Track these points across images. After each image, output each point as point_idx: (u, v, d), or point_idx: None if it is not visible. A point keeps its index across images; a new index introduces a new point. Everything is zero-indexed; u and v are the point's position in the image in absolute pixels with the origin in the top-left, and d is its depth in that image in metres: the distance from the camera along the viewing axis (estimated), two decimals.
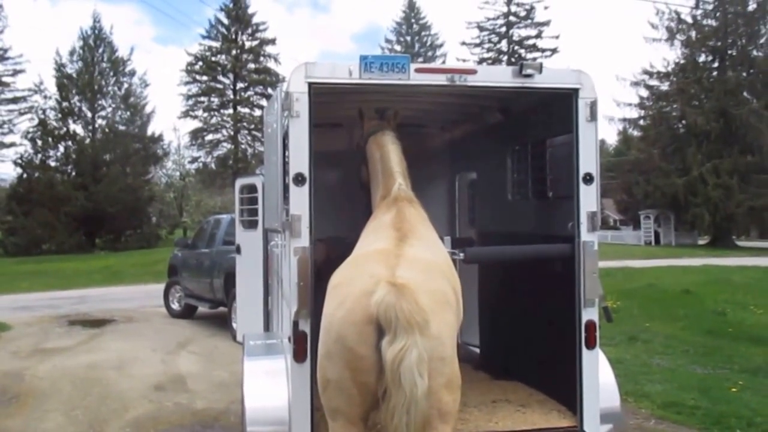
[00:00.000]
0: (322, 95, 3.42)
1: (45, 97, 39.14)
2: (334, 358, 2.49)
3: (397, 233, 2.98)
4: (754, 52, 39.14)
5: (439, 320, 2.50)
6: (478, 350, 5.31)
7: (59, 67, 39.07)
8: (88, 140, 39.31)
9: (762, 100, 37.81)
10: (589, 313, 3.55)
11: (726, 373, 7.50)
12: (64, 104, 38.77)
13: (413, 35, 56.85)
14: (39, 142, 38.64)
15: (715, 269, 19.65)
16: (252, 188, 6.46)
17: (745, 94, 38.92)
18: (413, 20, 56.84)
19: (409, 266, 2.63)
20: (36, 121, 38.78)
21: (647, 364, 7.96)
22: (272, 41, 46.70)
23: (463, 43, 54.00)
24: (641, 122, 43.45)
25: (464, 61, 53.37)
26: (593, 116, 3.60)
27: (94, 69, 39.52)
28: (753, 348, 8.80)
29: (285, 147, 3.46)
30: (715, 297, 13.27)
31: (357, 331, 2.41)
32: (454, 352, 2.58)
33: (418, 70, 3.48)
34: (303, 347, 3.25)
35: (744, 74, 39.57)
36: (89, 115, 39.61)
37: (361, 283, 2.53)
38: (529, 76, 3.54)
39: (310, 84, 3.31)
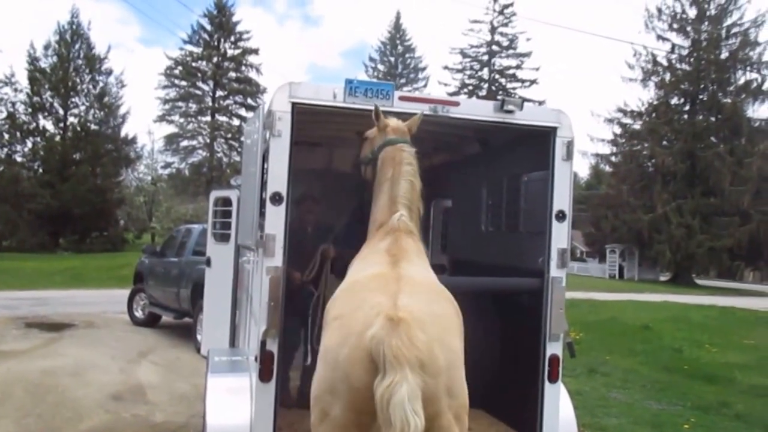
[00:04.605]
0: (303, 114, 3.45)
1: (15, 90, 38.19)
2: (340, 395, 2.38)
3: (390, 258, 2.89)
4: (723, 99, 40.54)
5: (446, 349, 2.39)
6: None
7: (32, 61, 38.24)
8: (58, 137, 38.48)
9: (727, 145, 39.17)
10: (554, 348, 3.63)
11: (679, 409, 7.68)
12: (35, 99, 37.91)
13: (397, 56, 57.51)
14: (6, 136, 37.73)
15: (674, 306, 20.13)
16: (227, 201, 6.43)
17: (712, 138, 40.26)
18: (398, 41, 57.56)
19: (411, 290, 2.55)
20: (4, 114, 37.92)
21: (605, 397, 8.10)
22: (255, 51, 46.73)
23: (446, 68, 54.78)
24: (613, 158, 44.57)
25: (446, 85, 54.19)
26: (569, 155, 3.71)
27: (69, 65, 38.69)
28: (706, 386, 9.03)
29: (264, 163, 3.47)
30: (673, 334, 13.60)
31: (364, 370, 2.30)
32: (464, 381, 2.49)
33: (401, 98, 3.55)
34: (269, 367, 3.24)
35: (712, 119, 40.98)
36: (61, 111, 38.78)
37: (363, 316, 2.42)
38: (510, 111, 3.64)
39: (293, 104, 3.34)
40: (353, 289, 2.76)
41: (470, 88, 53.61)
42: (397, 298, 2.45)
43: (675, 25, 41.96)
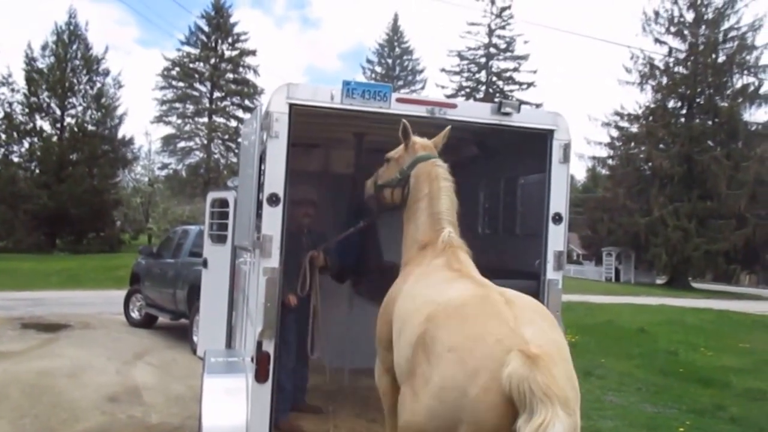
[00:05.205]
0: (300, 116, 3.45)
1: (12, 90, 38.05)
2: None
3: (456, 273, 2.74)
4: (720, 103, 40.66)
5: (573, 384, 2.25)
6: None
7: (30, 61, 38.05)
8: (55, 138, 38.34)
9: (723, 149, 39.31)
10: None
11: (674, 412, 7.69)
12: (32, 99, 37.74)
13: (395, 58, 57.55)
14: (3, 136, 37.63)
15: (670, 310, 20.17)
16: (224, 203, 6.43)
17: (709, 142, 40.39)
18: (396, 43, 57.59)
19: (527, 317, 2.37)
20: (1, 114, 37.79)
21: (601, 399, 8.11)
22: (253, 52, 46.61)
23: (443, 70, 54.73)
24: (610, 161, 44.68)
25: (443, 87, 54.22)
26: (566, 158, 3.72)
27: (67, 65, 38.50)
28: (701, 389, 9.05)
29: (261, 165, 3.48)
30: (669, 337, 13.65)
31: (498, 415, 2.12)
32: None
33: (399, 100, 3.56)
34: (265, 368, 3.25)
35: (709, 122, 41.09)
36: (58, 112, 38.61)
37: (488, 350, 2.21)
38: (507, 114, 3.65)
39: (291, 105, 3.35)
40: (462, 315, 2.45)
41: (468, 90, 53.69)
42: (519, 328, 2.27)
43: (672, 29, 42.09)
